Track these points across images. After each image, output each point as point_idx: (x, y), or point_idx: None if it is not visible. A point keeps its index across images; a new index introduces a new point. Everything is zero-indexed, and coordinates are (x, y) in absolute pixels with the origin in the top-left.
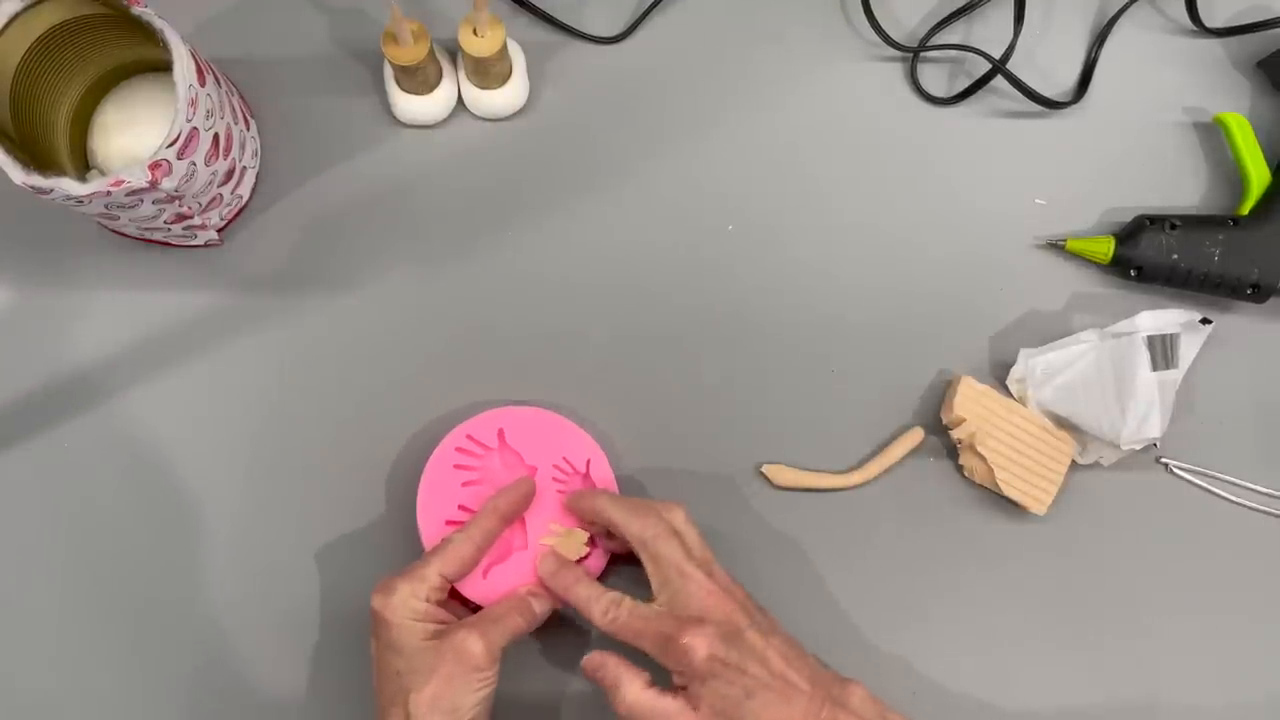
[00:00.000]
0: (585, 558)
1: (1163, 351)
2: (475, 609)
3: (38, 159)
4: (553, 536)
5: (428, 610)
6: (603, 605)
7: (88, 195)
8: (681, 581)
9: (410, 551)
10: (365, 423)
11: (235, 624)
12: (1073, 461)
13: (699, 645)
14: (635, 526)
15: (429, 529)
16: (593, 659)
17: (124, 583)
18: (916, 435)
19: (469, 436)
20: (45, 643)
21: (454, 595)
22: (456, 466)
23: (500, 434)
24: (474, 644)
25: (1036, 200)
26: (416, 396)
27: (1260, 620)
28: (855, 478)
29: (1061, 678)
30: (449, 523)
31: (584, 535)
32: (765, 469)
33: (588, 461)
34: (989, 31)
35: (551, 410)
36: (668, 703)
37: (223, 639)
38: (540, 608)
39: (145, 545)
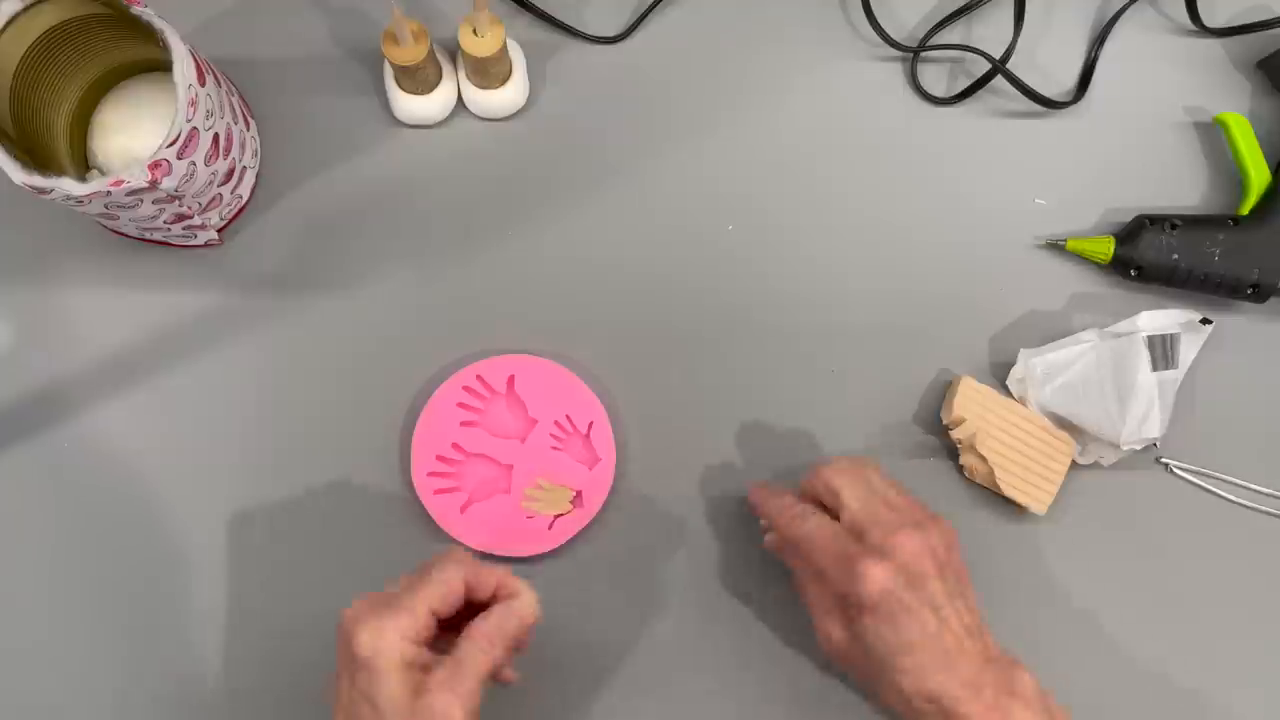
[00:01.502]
0: (564, 515)
1: (1163, 351)
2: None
3: (38, 159)
4: (537, 491)
5: (417, 656)
6: (792, 513)
7: (88, 195)
8: (871, 519)
9: (417, 534)
10: (365, 422)
11: (235, 623)
12: (1073, 461)
13: (877, 575)
14: (828, 478)
15: (421, 460)
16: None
17: (123, 583)
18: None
19: (479, 377)
20: (44, 643)
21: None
22: (460, 405)
23: (510, 380)
24: (453, 711)
25: (1036, 200)
26: (416, 396)
27: (1261, 620)
28: None
29: (1061, 678)
30: (439, 458)
31: (568, 493)
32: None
33: (590, 424)
34: (989, 31)
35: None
36: (828, 598)
37: (223, 639)
38: (518, 623)
39: (145, 545)
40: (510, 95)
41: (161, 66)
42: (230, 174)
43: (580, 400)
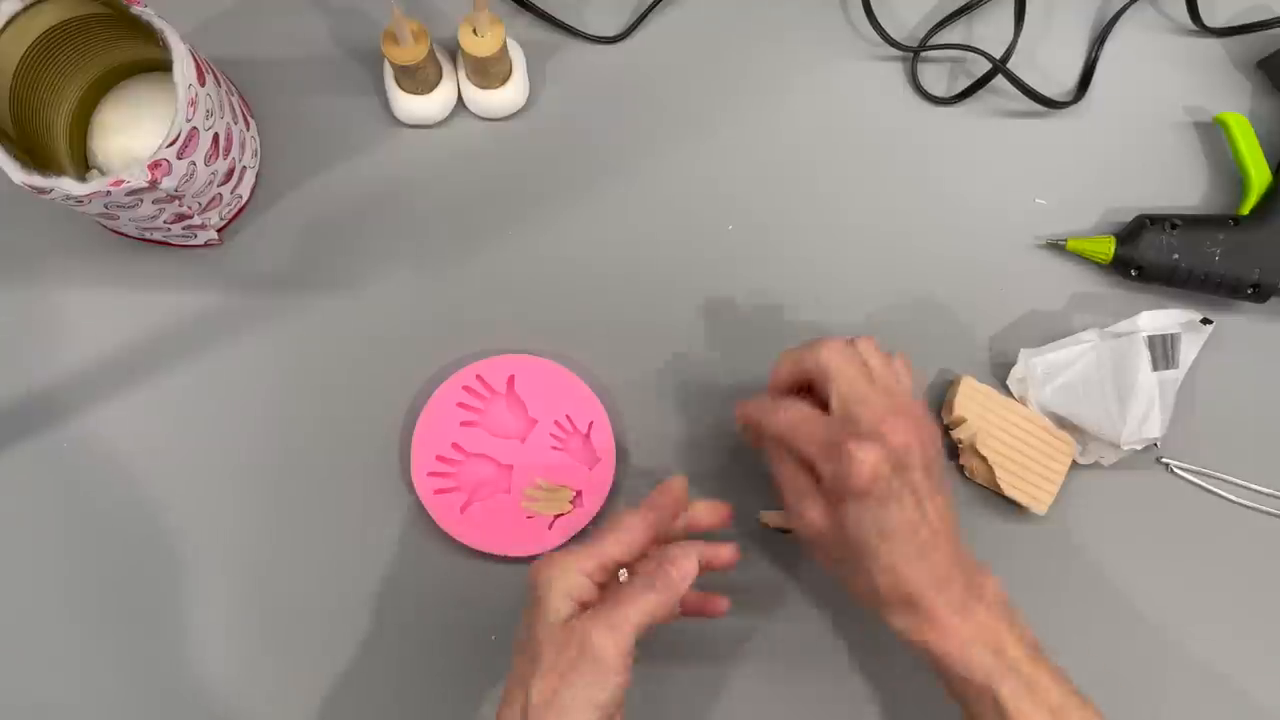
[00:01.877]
0: (564, 515)
1: (1163, 351)
2: None
3: (38, 159)
4: (537, 491)
5: (584, 589)
6: (776, 406)
7: (88, 195)
8: (859, 402)
9: (417, 534)
10: (364, 422)
11: (236, 623)
12: (1073, 461)
13: (866, 458)
14: (818, 355)
15: (421, 460)
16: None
17: (124, 583)
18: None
19: (478, 377)
20: (44, 643)
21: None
22: (459, 405)
23: (510, 380)
24: (602, 643)
25: (1037, 200)
26: (416, 396)
27: (1261, 619)
28: None
29: None
30: (439, 458)
31: (568, 492)
32: (763, 515)
33: (590, 424)
34: (989, 31)
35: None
36: (806, 483)
37: (224, 638)
38: (681, 574)
39: (144, 545)
40: (510, 95)
41: (161, 66)
42: (230, 174)
43: (580, 400)
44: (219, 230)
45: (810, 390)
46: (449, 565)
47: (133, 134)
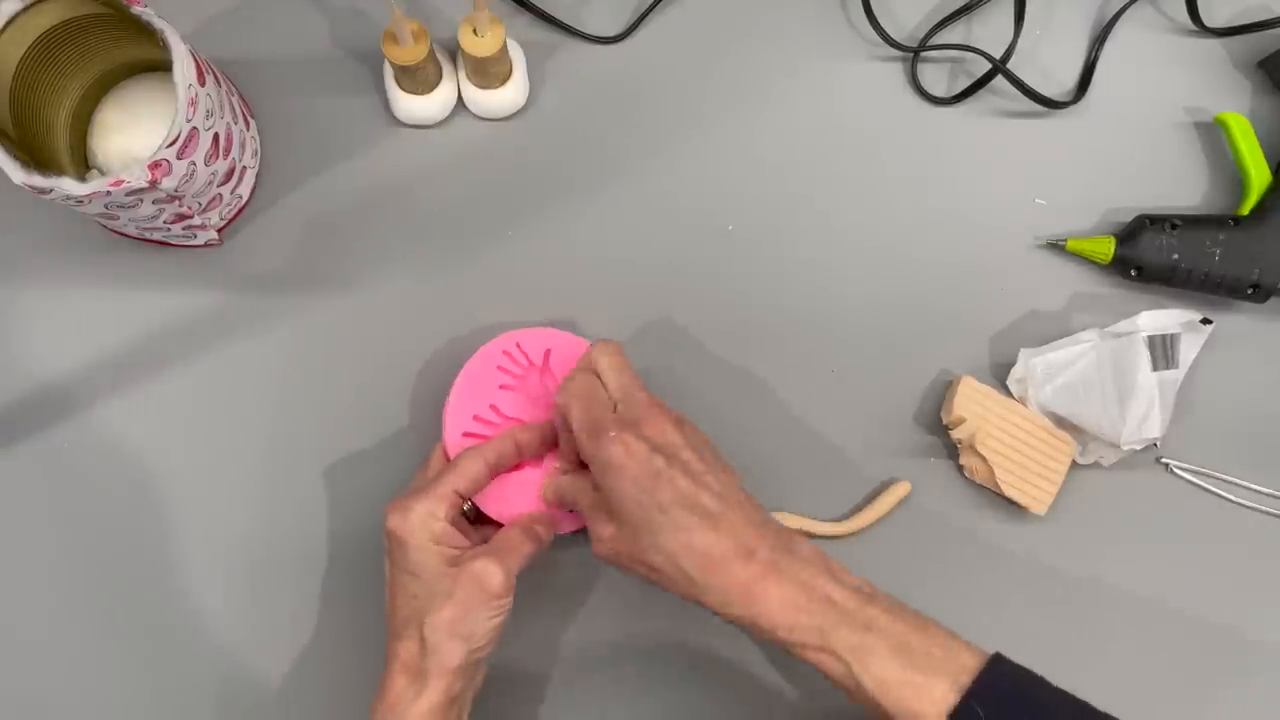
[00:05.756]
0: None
1: (1163, 351)
2: (491, 524)
3: (38, 159)
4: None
5: (444, 531)
6: (560, 383)
7: (88, 195)
8: (625, 398)
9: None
10: (366, 422)
11: (238, 623)
12: (1073, 461)
13: (626, 438)
14: (564, 392)
15: (456, 419)
16: (549, 484)
17: (124, 583)
18: (904, 488)
19: (518, 345)
20: (43, 644)
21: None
22: (500, 368)
23: (546, 354)
24: (493, 573)
25: (1036, 200)
26: (416, 395)
27: (1260, 619)
28: (847, 527)
29: (1061, 678)
30: (476, 418)
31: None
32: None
33: None
34: (989, 31)
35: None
36: (591, 497)
37: (226, 637)
38: (546, 533)
39: (144, 545)
40: (510, 95)
41: (161, 66)
42: (230, 174)
43: None
44: (219, 230)
45: None
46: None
47: (133, 134)
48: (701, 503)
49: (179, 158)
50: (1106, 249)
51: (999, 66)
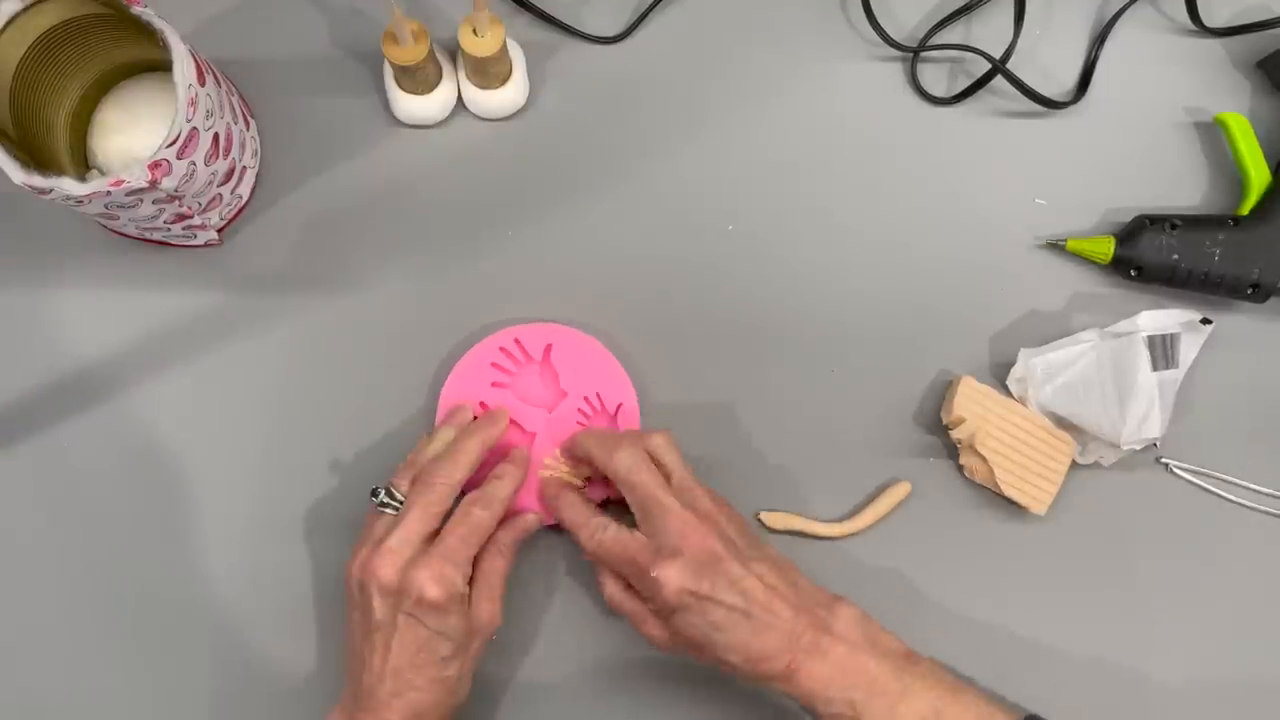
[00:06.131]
0: (579, 489)
1: (1163, 351)
2: None
3: (38, 159)
4: (553, 462)
5: (465, 592)
6: (590, 528)
7: (87, 195)
8: (659, 512)
9: None
10: (366, 422)
11: (239, 624)
12: (1073, 461)
13: (670, 578)
14: (613, 460)
15: (445, 413)
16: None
17: (124, 583)
18: (903, 489)
19: (516, 340)
20: (45, 644)
21: None
22: (493, 364)
23: (548, 349)
24: (495, 618)
25: (1036, 200)
26: (416, 396)
27: (1260, 619)
28: (847, 528)
29: (1061, 678)
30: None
31: (583, 470)
32: (762, 516)
33: (619, 406)
34: (989, 31)
35: (606, 348)
36: (639, 607)
37: (225, 637)
38: (508, 538)
39: (144, 545)
40: (510, 95)
41: (161, 66)
42: (230, 174)
43: (614, 381)
44: (219, 230)
45: None
46: None
47: (133, 134)
48: (752, 616)
49: (179, 158)
50: (1106, 249)
51: (999, 66)
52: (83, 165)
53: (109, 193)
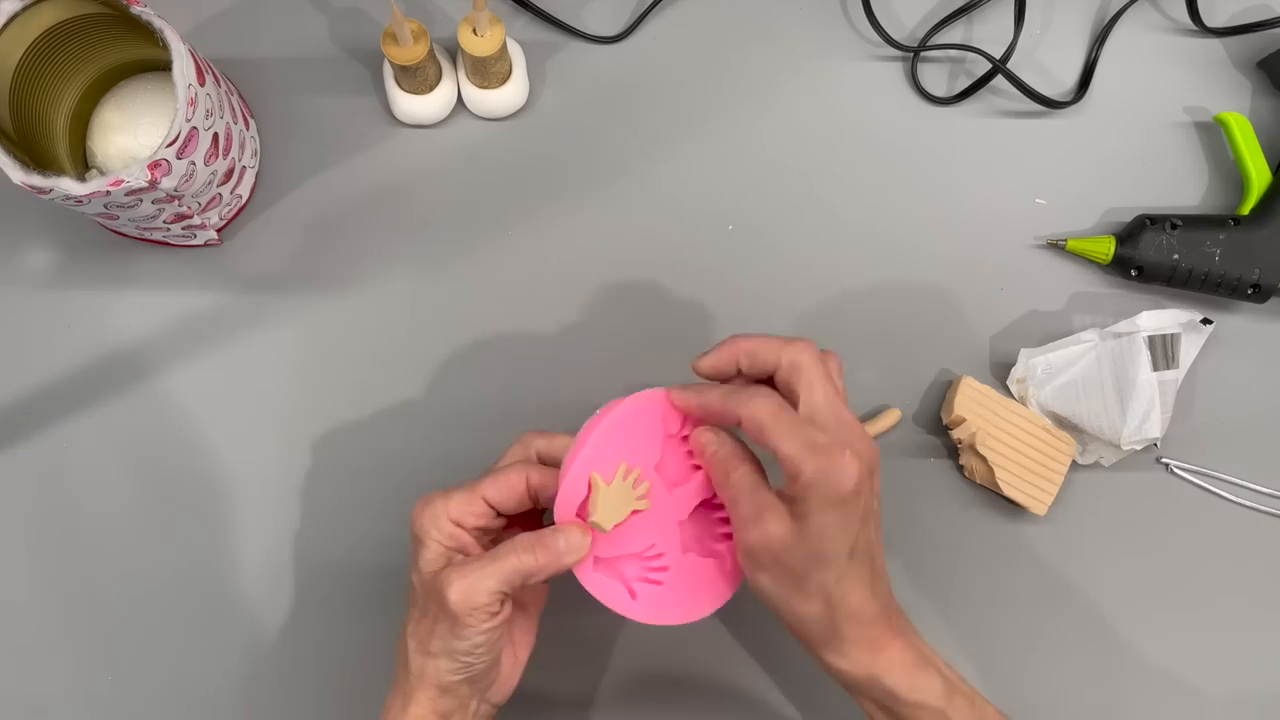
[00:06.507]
0: (625, 520)
1: (1163, 351)
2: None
3: (37, 159)
4: (600, 484)
5: (454, 533)
6: (747, 394)
7: (87, 195)
8: (835, 415)
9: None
10: (365, 421)
11: (239, 623)
12: (1073, 461)
13: (853, 470)
14: (795, 354)
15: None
16: (706, 432)
17: (124, 583)
18: (894, 414)
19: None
20: (43, 643)
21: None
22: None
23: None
24: (451, 591)
25: (1037, 200)
26: (416, 395)
27: (1261, 620)
28: None
29: (1061, 678)
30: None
31: (641, 490)
32: None
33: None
34: (989, 31)
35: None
36: (769, 496)
37: (226, 637)
38: (569, 545)
39: (144, 545)
40: (510, 95)
41: (161, 66)
42: (230, 174)
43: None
44: (219, 230)
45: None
46: None
47: (133, 134)
48: (876, 560)
49: (179, 157)
50: (1106, 249)
51: (999, 66)
52: (82, 165)
53: (108, 193)
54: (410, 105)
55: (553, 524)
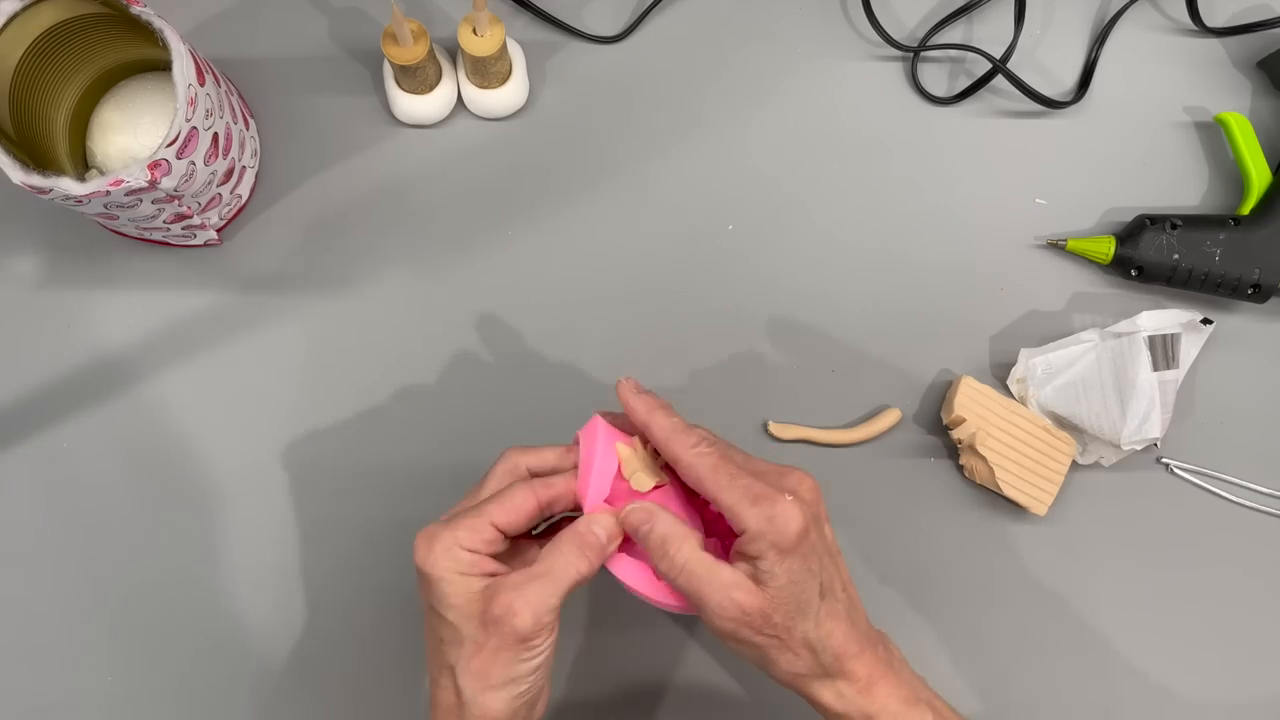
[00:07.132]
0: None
1: (1163, 351)
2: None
3: (37, 159)
4: (627, 452)
5: (474, 561)
6: (691, 439)
7: (87, 195)
8: (778, 472)
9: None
10: (365, 421)
11: (239, 623)
12: (1073, 461)
13: (795, 510)
14: (750, 521)
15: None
16: (643, 509)
17: (124, 583)
18: (894, 415)
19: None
20: (43, 644)
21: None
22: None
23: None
24: (519, 617)
25: (1037, 200)
26: (416, 395)
27: (1261, 620)
28: (844, 436)
29: (1061, 678)
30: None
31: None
32: (772, 427)
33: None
34: (989, 31)
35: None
36: (727, 572)
37: (226, 637)
38: (607, 534)
39: (144, 546)
40: (510, 95)
41: (161, 66)
42: (230, 174)
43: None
44: (219, 230)
45: None
46: None
47: (133, 134)
48: (847, 592)
49: (178, 157)
50: (1106, 249)
51: (999, 66)
52: (82, 165)
53: (108, 192)
54: (410, 105)
55: (549, 531)
